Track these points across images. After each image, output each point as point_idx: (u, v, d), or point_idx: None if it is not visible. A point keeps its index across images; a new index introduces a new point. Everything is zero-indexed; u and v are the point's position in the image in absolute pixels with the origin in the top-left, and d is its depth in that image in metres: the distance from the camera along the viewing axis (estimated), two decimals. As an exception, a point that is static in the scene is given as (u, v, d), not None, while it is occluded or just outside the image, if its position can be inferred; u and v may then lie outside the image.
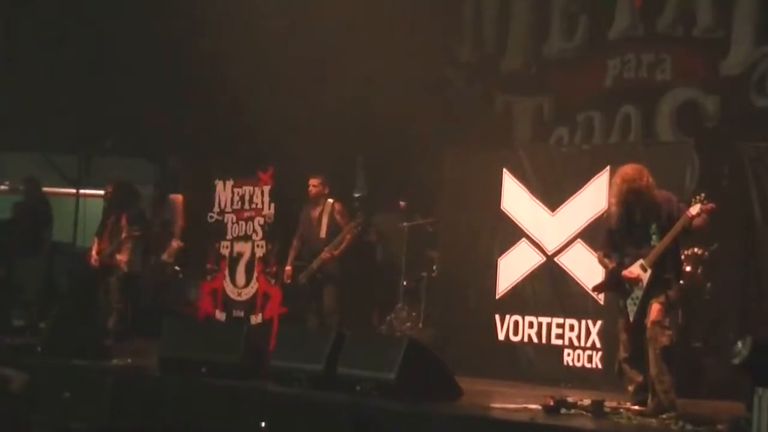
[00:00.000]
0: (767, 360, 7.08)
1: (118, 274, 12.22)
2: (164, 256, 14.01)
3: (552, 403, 8.14)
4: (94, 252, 12.42)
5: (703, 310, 10.19)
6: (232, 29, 12.97)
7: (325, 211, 11.68)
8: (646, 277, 8.35)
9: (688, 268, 10.27)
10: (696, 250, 10.24)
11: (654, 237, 8.36)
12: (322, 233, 11.66)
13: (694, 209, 8.25)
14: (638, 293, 8.37)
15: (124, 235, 12.18)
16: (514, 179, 11.24)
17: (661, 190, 8.55)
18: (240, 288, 12.83)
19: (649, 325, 8.29)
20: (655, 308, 8.30)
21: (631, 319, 8.42)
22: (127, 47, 14.69)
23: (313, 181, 11.72)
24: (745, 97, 11.69)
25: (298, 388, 8.85)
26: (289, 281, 11.81)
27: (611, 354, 10.32)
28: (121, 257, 12.23)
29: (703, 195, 8.34)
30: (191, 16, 13.54)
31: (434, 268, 12.43)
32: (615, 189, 8.53)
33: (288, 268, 11.81)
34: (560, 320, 10.79)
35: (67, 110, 14.86)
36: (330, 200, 11.73)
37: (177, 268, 14.08)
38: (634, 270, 8.38)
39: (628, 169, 8.52)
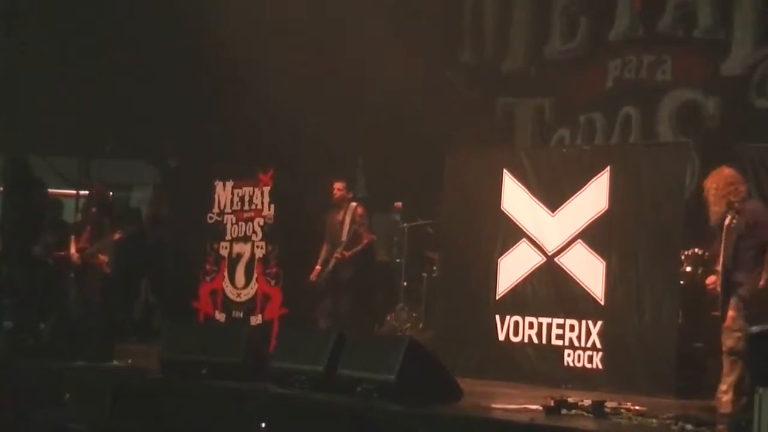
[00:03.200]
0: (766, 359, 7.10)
1: (99, 273, 12.18)
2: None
3: (552, 404, 8.14)
4: (73, 250, 12.37)
5: (703, 310, 10.18)
6: (233, 31, 12.96)
7: (348, 215, 11.87)
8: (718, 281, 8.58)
9: (688, 268, 10.29)
10: (696, 250, 10.25)
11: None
12: (344, 236, 11.84)
13: (726, 220, 8.44)
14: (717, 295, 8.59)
15: (117, 236, 12.13)
16: (515, 180, 11.23)
17: (753, 199, 8.67)
18: (239, 289, 12.83)
19: (722, 330, 8.51)
20: (729, 315, 8.51)
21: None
22: (127, 49, 14.68)
23: (337, 185, 11.97)
24: (745, 98, 11.71)
25: (298, 390, 8.84)
26: (314, 279, 11.92)
27: (611, 354, 10.36)
28: (104, 257, 12.20)
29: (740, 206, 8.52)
30: (192, 17, 13.54)
31: (434, 268, 12.43)
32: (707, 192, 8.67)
33: (317, 267, 11.94)
34: (560, 321, 10.78)
35: (67, 112, 14.86)
36: (353, 204, 11.92)
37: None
38: (714, 276, 8.64)
39: (717, 173, 8.69)
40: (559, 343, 10.77)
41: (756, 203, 8.81)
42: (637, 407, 8.32)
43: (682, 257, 10.29)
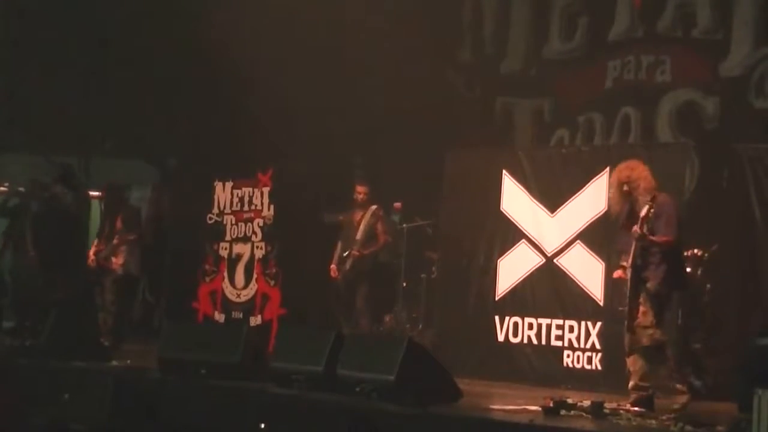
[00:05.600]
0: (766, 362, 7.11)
1: (113, 275, 12.22)
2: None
3: (551, 405, 8.15)
4: (91, 253, 12.43)
5: (702, 310, 10.19)
6: (232, 31, 12.96)
7: (366, 216, 12.01)
8: (628, 276, 8.54)
9: (687, 269, 10.28)
10: (695, 251, 10.24)
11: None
12: (358, 236, 11.97)
13: (642, 211, 8.38)
14: (626, 291, 8.58)
15: (115, 240, 12.20)
16: (514, 180, 11.24)
17: (663, 193, 8.60)
18: (239, 289, 12.83)
19: (633, 329, 8.54)
20: (641, 311, 8.52)
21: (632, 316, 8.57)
22: (127, 48, 14.68)
23: (359, 189, 12.17)
24: (744, 99, 11.70)
25: (297, 390, 8.85)
26: (335, 276, 12.06)
27: (611, 355, 10.35)
28: (117, 260, 12.23)
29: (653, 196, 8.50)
30: (191, 17, 13.54)
31: (434, 269, 12.43)
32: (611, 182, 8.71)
33: (333, 266, 12.08)
34: (560, 321, 10.79)
35: (66, 111, 14.86)
36: (373, 207, 12.06)
37: None
38: (621, 271, 8.51)
39: (621, 165, 8.75)
40: (559, 343, 10.78)
41: (667, 197, 8.75)
42: (636, 408, 8.33)
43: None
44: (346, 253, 11.99)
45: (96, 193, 14.27)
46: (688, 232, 9.64)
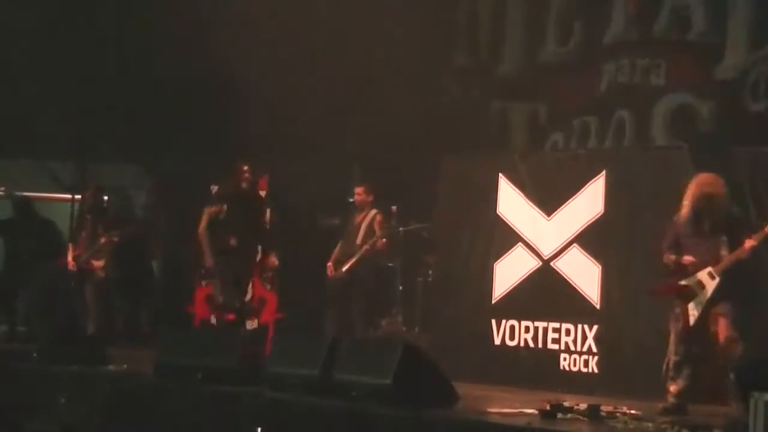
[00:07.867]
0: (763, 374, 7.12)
1: (94, 279, 12.15)
2: None
3: (548, 408, 8.14)
4: (70, 257, 12.36)
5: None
6: (229, 33, 12.97)
7: (366, 219, 12.00)
8: (713, 285, 8.45)
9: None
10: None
11: (724, 247, 8.48)
12: (358, 239, 11.94)
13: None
14: (702, 299, 8.48)
15: (103, 240, 12.09)
16: (510, 184, 11.25)
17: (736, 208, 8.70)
18: (235, 293, 12.80)
19: (722, 339, 8.48)
20: (723, 322, 8.46)
21: (691, 323, 8.51)
22: (123, 52, 14.68)
23: (357, 190, 12.20)
24: (739, 102, 11.70)
25: (293, 394, 8.83)
26: (330, 274, 12.05)
27: (607, 358, 10.37)
28: (98, 263, 12.15)
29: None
30: (187, 20, 13.53)
31: (430, 273, 12.43)
32: (689, 193, 8.71)
33: (330, 264, 12.08)
34: (556, 325, 10.80)
35: (63, 116, 14.84)
36: (374, 210, 12.03)
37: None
38: (701, 276, 8.48)
39: (704, 176, 8.77)
40: (555, 347, 10.78)
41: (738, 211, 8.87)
42: (633, 411, 8.32)
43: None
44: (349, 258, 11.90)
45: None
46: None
